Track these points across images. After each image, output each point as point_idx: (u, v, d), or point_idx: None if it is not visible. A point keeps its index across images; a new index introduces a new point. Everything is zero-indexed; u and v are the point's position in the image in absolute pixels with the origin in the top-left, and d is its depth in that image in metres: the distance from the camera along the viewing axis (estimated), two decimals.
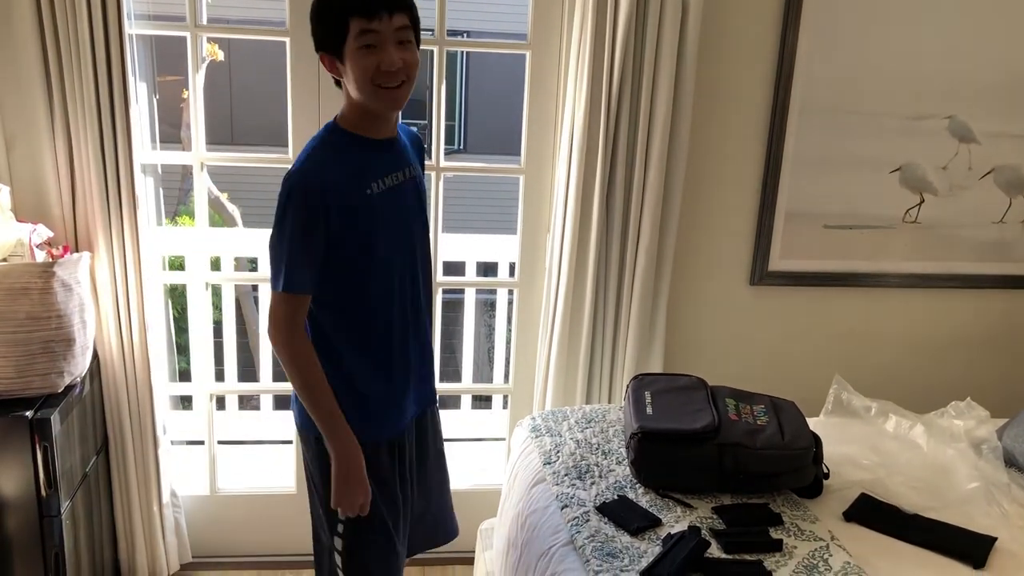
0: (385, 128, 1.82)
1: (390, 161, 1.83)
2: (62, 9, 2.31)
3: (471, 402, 4.17)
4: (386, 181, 1.80)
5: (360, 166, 1.77)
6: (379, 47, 1.67)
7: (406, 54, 1.71)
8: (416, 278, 1.92)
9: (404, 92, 1.74)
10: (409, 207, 1.88)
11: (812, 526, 1.99)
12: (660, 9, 2.51)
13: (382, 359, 1.88)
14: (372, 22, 1.65)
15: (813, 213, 2.90)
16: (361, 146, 1.79)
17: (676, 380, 2.38)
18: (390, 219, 1.82)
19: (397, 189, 1.83)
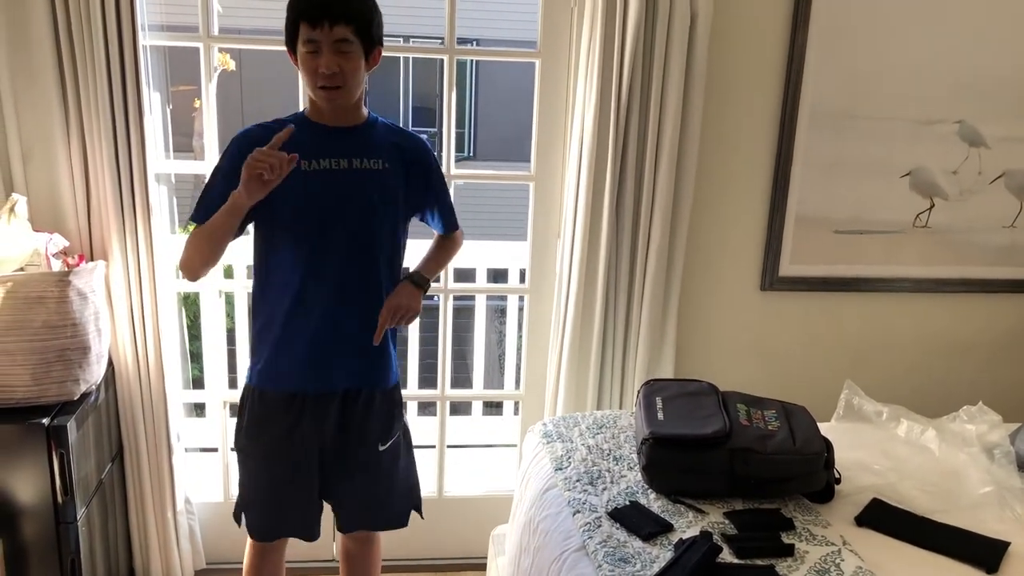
0: (337, 118, 2.02)
1: (334, 147, 2.01)
2: (78, 22, 2.34)
3: (482, 408, 4.18)
4: (322, 163, 1.99)
5: (300, 143, 1.91)
6: (319, 52, 1.89)
7: (344, 61, 1.90)
8: (345, 260, 2.04)
9: (340, 94, 1.95)
10: (343, 195, 2.01)
11: (824, 531, 1.99)
12: (669, 15, 2.52)
13: (282, 315, 2.05)
14: (314, 30, 1.87)
15: (823, 218, 2.91)
16: (311, 129, 2.00)
17: (687, 386, 2.39)
18: (317, 196, 1.99)
19: (335, 173, 2.00)
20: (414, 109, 10.85)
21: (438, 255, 2.30)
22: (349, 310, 2.07)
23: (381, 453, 2.18)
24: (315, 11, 1.86)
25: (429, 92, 10.66)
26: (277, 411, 2.09)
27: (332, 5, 1.87)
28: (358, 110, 2.05)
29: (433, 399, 3.07)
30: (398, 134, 2.13)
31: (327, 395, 2.10)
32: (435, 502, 3.08)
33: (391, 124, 2.15)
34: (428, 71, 10.51)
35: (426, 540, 3.08)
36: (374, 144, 2.06)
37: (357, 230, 2.04)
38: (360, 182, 2.03)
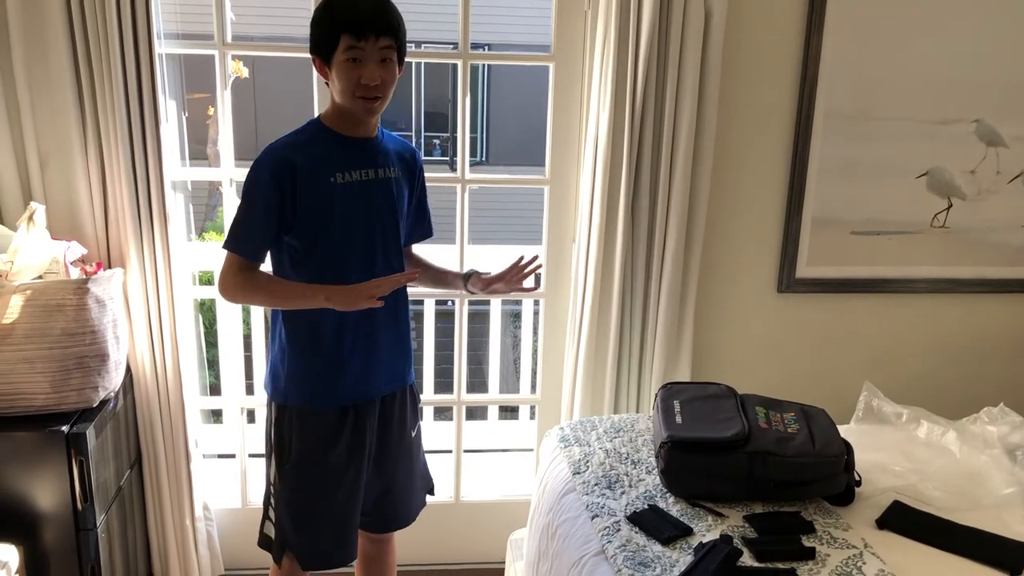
0: (361, 129, 2.02)
1: (361, 158, 2.02)
2: (94, 30, 2.36)
3: (498, 413, 4.17)
4: (353, 174, 1.99)
5: (327, 155, 1.98)
6: (362, 62, 1.88)
7: (385, 72, 1.92)
8: (374, 269, 2.04)
9: (380, 104, 1.96)
10: (377, 205, 2.05)
11: (845, 534, 1.98)
12: (683, 17, 2.52)
13: (331, 331, 2.05)
14: (360, 40, 1.86)
15: (840, 219, 2.89)
16: (335, 140, 2.00)
17: (705, 388, 2.38)
18: (351, 208, 2.00)
19: (366, 184, 2.02)
20: (427, 114, 10.87)
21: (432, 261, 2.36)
22: (388, 317, 2.09)
23: (413, 439, 2.27)
24: (363, 22, 1.86)
25: (441, 97, 10.68)
26: (332, 429, 2.08)
27: (378, 17, 1.88)
28: (375, 123, 2.07)
29: (449, 404, 3.07)
30: (397, 141, 2.17)
31: (370, 403, 2.13)
32: (452, 507, 3.07)
33: (393, 135, 2.18)
34: (440, 76, 10.53)
35: (443, 545, 3.08)
36: (388, 152, 2.09)
37: (391, 237, 2.09)
38: (387, 190, 2.06)
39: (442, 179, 5.17)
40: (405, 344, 2.19)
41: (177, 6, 2.72)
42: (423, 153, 10.96)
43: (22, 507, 2.28)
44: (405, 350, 2.19)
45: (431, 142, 11.14)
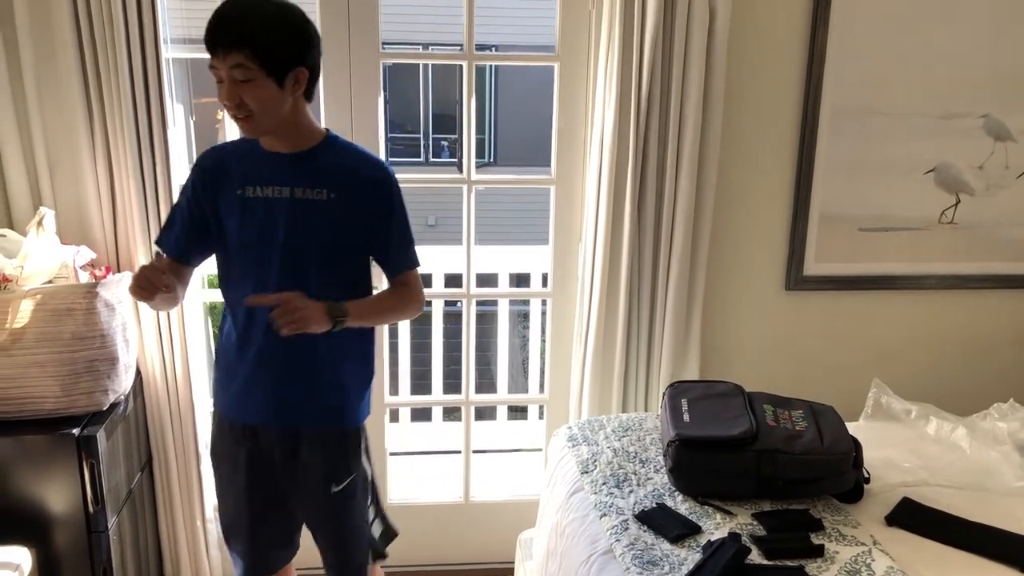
0: (281, 143, 1.89)
1: (279, 175, 1.89)
2: (102, 35, 2.37)
3: (507, 413, 4.18)
4: (264, 190, 1.89)
5: (246, 167, 1.91)
6: (221, 81, 1.77)
7: (244, 90, 1.75)
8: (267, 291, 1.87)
9: (252, 125, 1.81)
10: (282, 228, 1.88)
11: (854, 531, 1.97)
12: (688, 14, 2.51)
13: (225, 340, 2.02)
14: (213, 59, 1.76)
15: (847, 216, 2.88)
16: (259, 153, 1.91)
17: (713, 387, 2.38)
18: (250, 225, 1.90)
19: (274, 203, 1.88)
20: (434, 116, 10.90)
21: (382, 298, 2.06)
22: (288, 349, 1.90)
23: (333, 495, 2.04)
24: (207, 38, 1.74)
25: (449, 98, 10.70)
26: (224, 438, 2.08)
27: (218, 30, 1.73)
28: (304, 134, 1.90)
29: (458, 404, 3.08)
30: (356, 160, 1.94)
31: (259, 428, 2.02)
32: (461, 507, 3.08)
33: (352, 148, 1.97)
34: (448, 78, 10.55)
35: (453, 545, 3.09)
36: (322, 172, 1.89)
37: (295, 266, 1.90)
38: (301, 214, 1.88)
39: (448, 180, 5.16)
40: (316, 379, 1.98)
41: (184, 11, 2.73)
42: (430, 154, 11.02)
43: (34, 510, 2.29)
44: (316, 386, 1.98)
45: (439, 144, 11.16)
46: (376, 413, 2.93)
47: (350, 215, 1.90)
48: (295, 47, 1.78)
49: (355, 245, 1.95)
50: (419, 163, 11.03)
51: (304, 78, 1.81)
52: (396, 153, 10.62)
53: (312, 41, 1.82)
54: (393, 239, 1.98)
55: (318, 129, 1.94)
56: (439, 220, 9.67)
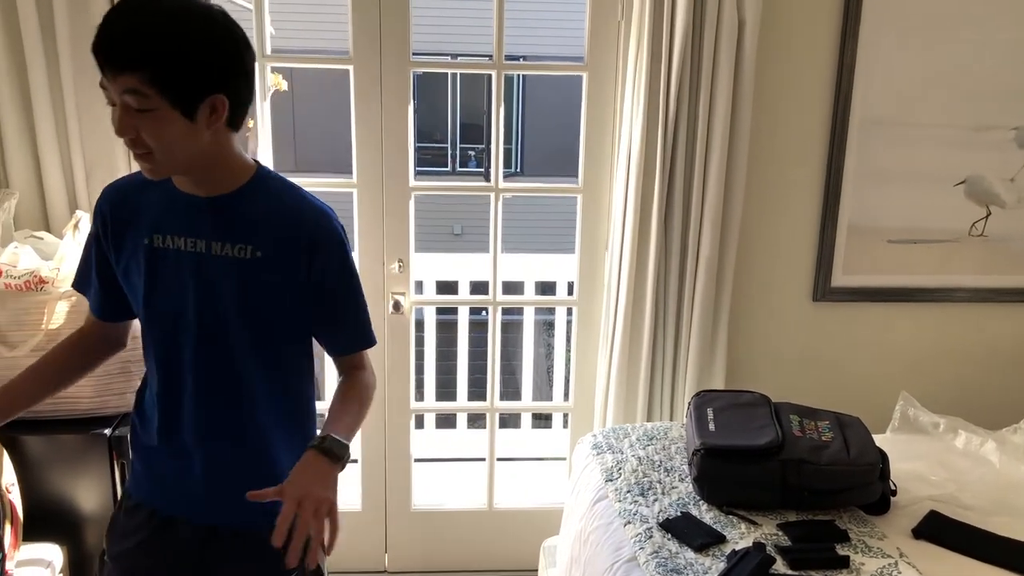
0: (197, 184, 1.49)
1: (196, 223, 1.50)
2: None
3: (531, 422, 4.19)
4: (175, 241, 1.50)
5: (153, 209, 1.51)
6: (113, 104, 1.36)
7: (141, 121, 1.34)
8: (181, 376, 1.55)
9: (152, 164, 1.40)
10: (200, 290, 1.51)
11: (880, 543, 1.96)
12: (716, 24, 2.52)
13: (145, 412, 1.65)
14: (104, 78, 1.35)
15: (876, 228, 2.87)
16: (171, 194, 1.51)
17: (739, 396, 2.37)
18: (158, 284, 1.53)
19: (188, 258, 1.50)
20: (462, 126, 10.96)
21: (348, 402, 1.60)
22: (220, 435, 1.58)
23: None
24: (97, 52, 1.33)
25: (477, 109, 10.76)
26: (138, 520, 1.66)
27: (104, 44, 1.32)
28: (226, 173, 1.48)
29: (483, 411, 3.09)
30: (293, 207, 1.52)
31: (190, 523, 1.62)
32: (485, 514, 3.09)
33: (290, 191, 1.55)
34: (476, 88, 10.61)
35: (476, 552, 3.09)
36: (248, 222, 1.49)
37: (213, 345, 1.53)
38: (218, 276, 1.50)
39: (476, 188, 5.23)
40: (253, 471, 1.57)
41: None
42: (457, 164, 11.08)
43: (66, 508, 2.33)
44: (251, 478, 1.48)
45: (466, 154, 11.22)
46: (401, 419, 2.96)
47: (284, 279, 1.51)
48: (210, 68, 1.36)
49: (293, 318, 1.56)
50: (446, 172, 11.10)
51: (223, 107, 1.38)
52: (423, 163, 10.68)
53: (235, 59, 1.39)
54: (343, 311, 1.60)
55: (246, 165, 1.51)
56: (465, 229, 9.72)
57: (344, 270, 1.57)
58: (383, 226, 2.80)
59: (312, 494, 1.37)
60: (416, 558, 3.10)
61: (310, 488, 1.38)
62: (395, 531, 3.06)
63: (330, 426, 1.51)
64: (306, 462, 1.43)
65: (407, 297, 2.86)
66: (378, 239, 2.81)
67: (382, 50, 2.66)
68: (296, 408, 1.64)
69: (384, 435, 2.97)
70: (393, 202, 2.79)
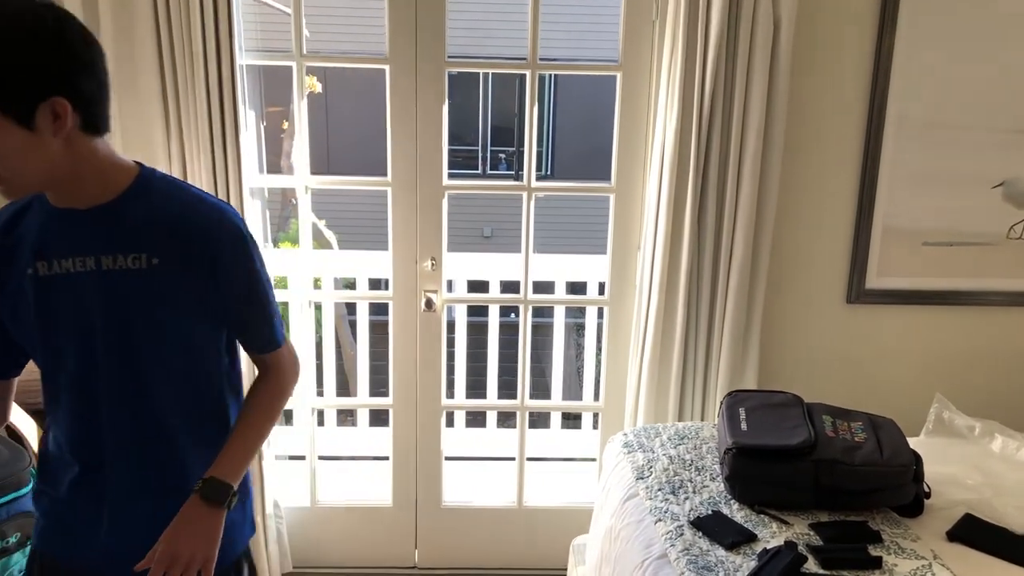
0: (72, 197, 1.38)
1: (78, 240, 1.39)
2: (180, 43, 2.46)
3: (560, 422, 4.20)
4: (62, 264, 1.39)
5: (32, 234, 1.41)
6: None
7: None
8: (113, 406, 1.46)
9: (1, 184, 1.30)
10: (97, 311, 1.41)
11: (913, 544, 1.95)
12: (751, 26, 2.52)
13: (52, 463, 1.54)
14: None
15: (912, 230, 2.85)
16: (48, 212, 1.40)
17: (771, 397, 2.37)
18: (56, 314, 1.42)
19: (79, 280, 1.39)
20: (493, 128, 11.00)
21: (249, 421, 1.54)
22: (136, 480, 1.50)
23: None
24: None
25: (508, 112, 10.79)
26: None
27: None
28: (100, 180, 1.38)
29: (513, 409, 3.10)
30: (183, 206, 1.43)
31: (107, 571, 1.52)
32: (515, 512, 3.10)
33: (178, 190, 1.46)
34: (507, 91, 10.65)
35: (505, 549, 3.10)
36: (137, 228, 1.40)
37: (123, 369, 1.44)
38: (115, 291, 1.40)
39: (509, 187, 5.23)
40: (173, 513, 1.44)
41: (256, 24, 2.82)
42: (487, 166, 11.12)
43: None
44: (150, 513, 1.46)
45: (497, 156, 11.25)
46: (432, 416, 2.98)
47: (187, 284, 1.43)
48: (37, 71, 1.24)
49: (202, 324, 1.48)
50: (476, 175, 11.14)
51: (66, 110, 1.26)
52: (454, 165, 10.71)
53: (68, 57, 1.27)
54: (246, 310, 1.52)
55: (124, 167, 1.42)
56: (495, 232, 9.75)
57: (248, 269, 1.48)
58: (417, 225, 2.83)
59: (181, 556, 1.37)
60: (445, 554, 3.12)
61: (180, 548, 1.38)
62: (425, 527, 3.09)
63: (218, 462, 1.47)
64: (185, 513, 1.42)
65: (439, 295, 2.88)
66: (411, 237, 2.84)
67: (418, 50, 2.69)
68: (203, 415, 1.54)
69: (415, 431, 2.99)
70: (426, 201, 2.81)
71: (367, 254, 4.06)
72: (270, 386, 1.59)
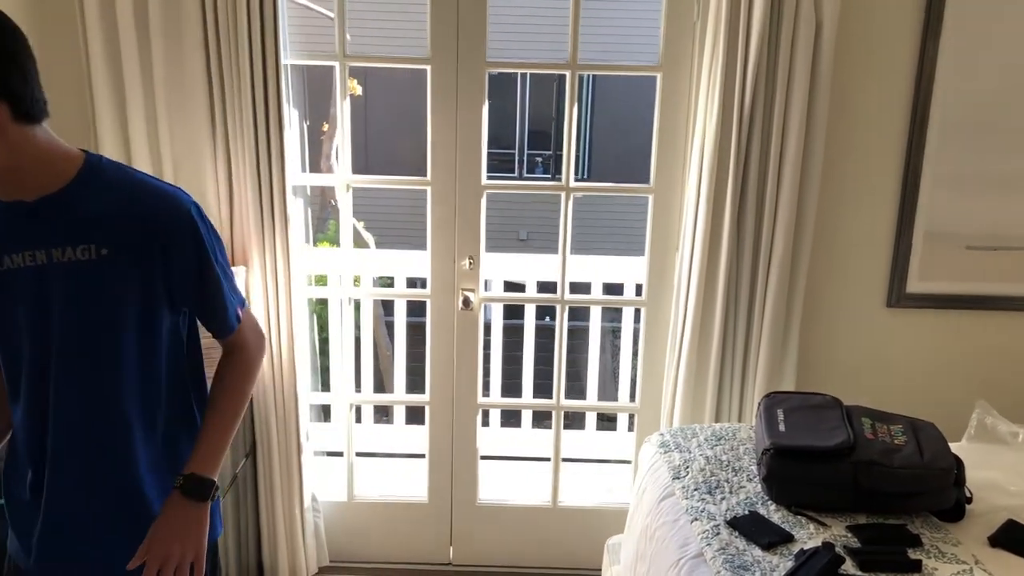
0: (19, 188, 1.37)
1: (28, 233, 1.38)
2: (227, 42, 2.50)
3: (595, 424, 4.20)
4: (14, 259, 1.38)
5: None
6: None
7: None
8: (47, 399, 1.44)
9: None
10: (50, 304, 1.40)
11: (954, 549, 1.93)
12: (793, 27, 2.51)
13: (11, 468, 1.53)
14: None
15: (955, 234, 2.81)
16: (2, 208, 1.39)
17: (810, 399, 2.35)
18: (7, 313, 1.41)
19: (29, 275, 1.39)
20: (530, 132, 11.02)
21: (218, 402, 1.55)
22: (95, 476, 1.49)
23: None
24: None
25: (545, 116, 10.80)
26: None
27: None
28: (44, 170, 1.36)
29: (548, 408, 3.11)
30: (130, 193, 1.41)
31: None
32: (549, 511, 3.11)
33: (125, 177, 1.44)
34: (544, 95, 10.67)
35: (540, 548, 3.11)
36: (84, 219, 1.38)
37: (75, 352, 1.42)
38: (68, 285, 1.39)
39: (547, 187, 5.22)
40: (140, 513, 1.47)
41: (300, 28, 2.86)
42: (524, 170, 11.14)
43: None
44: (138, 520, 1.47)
45: (534, 160, 11.27)
46: (468, 414, 3.00)
47: (139, 273, 1.41)
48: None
49: (157, 312, 1.46)
50: (513, 178, 11.17)
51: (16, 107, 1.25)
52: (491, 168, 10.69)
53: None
54: (199, 295, 1.49)
55: (69, 155, 1.39)
56: (530, 235, 9.76)
57: (198, 255, 1.45)
58: (455, 223, 2.85)
59: (172, 554, 1.41)
60: (480, 552, 3.13)
61: (170, 547, 1.41)
62: (460, 524, 3.11)
63: (195, 457, 1.48)
64: (170, 511, 1.44)
65: (476, 293, 2.90)
66: (450, 236, 2.86)
67: (459, 51, 2.71)
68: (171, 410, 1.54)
69: (451, 429, 3.02)
70: (465, 200, 2.84)
71: (404, 253, 4.10)
72: (234, 366, 1.58)
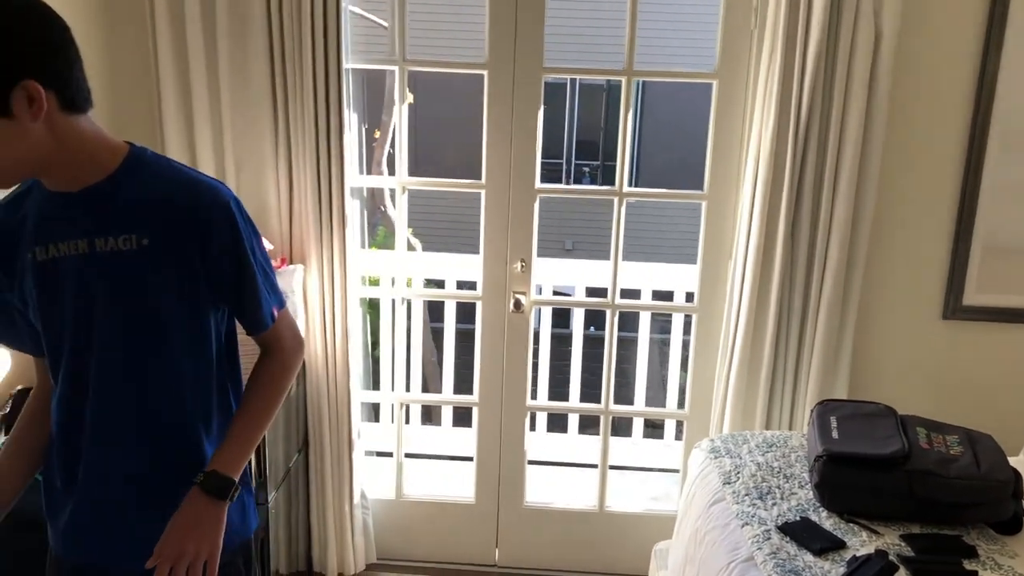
0: (65, 180, 1.38)
1: (69, 224, 1.40)
2: (291, 46, 2.57)
3: (643, 431, 4.20)
4: (58, 248, 1.40)
5: (31, 218, 1.42)
6: None
7: None
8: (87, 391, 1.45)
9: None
10: (95, 293, 1.41)
11: (1011, 561, 1.90)
12: (852, 35, 2.50)
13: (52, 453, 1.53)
14: None
15: (1013, 246, 2.77)
16: (43, 196, 1.41)
17: (863, 407, 2.34)
18: (55, 299, 1.42)
19: (73, 264, 1.40)
20: (578, 142, 11.05)
21: (250, 402, 1.54)
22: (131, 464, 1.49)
23: None
24: None
25: (593, 125, 10.83)
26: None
27: None
28: (89, 160, 1.38)
29: (596, 413, 3.12)
30: (172, 184, 1.43)
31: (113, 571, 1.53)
32: (596, 515, 3.11)
33: (167, 168, 1.46)
34: (593, 105, 10.69)
35: (586, 552, 3.12)
36: (127, 208, 1.40)
37: (119, 346, 1.44)
38: (109, 275, 1.40)
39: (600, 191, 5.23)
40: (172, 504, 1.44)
41: (357, 35, 2.91)
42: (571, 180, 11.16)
43: None
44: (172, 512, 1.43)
45: (581, 170, 11.29)
46: (516, 416, 3.03)
47: (174, 264, 1.42)
48: (5, 55, 1.24)
49: (194, 305, 1.46)
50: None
51: (40, 94, 1.25)
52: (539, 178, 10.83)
53: (37, 40, 1.27)
54: (235, 286, 1.48)
55: (113, 146, 1.41)
56: (576, 245, 9.78)
57: (236, 249, 1.44)
58: (508, 227, 2.88)
59: (186, 552, 1.38)
60: (526, 555, 3.15)
61: (184, 545, 1.38)
62: (506, 526, 3.13)
63: (218, 455, 1.47)
64: (188, 508, 1.42)
65: (527, 296, 2.93)
66: (502, 239, 2.89)
67: (515, 56, 2.75)
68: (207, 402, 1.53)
69: (499, 430, 3.04)
70: (519, 204, 2.87)
71: (454, 256, 4.14)
72: (270, 366, 1.56)
